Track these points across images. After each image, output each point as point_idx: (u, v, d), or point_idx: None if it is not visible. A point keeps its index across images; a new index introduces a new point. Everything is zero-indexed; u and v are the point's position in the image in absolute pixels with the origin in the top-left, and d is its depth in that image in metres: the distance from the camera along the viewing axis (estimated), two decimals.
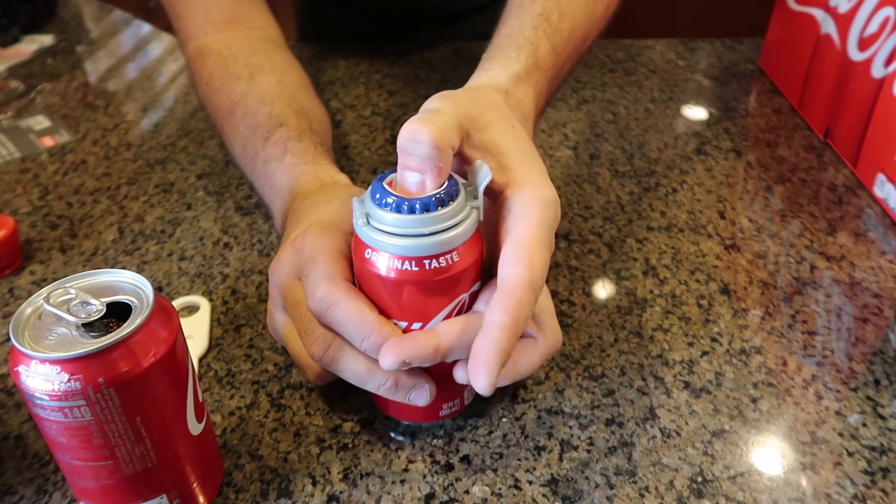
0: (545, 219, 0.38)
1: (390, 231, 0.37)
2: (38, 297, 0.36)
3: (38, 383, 0.33)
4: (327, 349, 0.40)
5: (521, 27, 0.53)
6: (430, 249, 0.37)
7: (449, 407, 0.44)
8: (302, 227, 0.45)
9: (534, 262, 0.37)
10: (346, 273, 0.41)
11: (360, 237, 0.38)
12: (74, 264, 0.60)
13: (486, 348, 0.36)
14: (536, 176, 0.40)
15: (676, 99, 0.83)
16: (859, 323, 0.53)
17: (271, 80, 0.62)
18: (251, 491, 0.42)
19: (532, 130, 0.48)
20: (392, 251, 0.37)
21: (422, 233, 0.37)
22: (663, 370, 0.50)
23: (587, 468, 0.43)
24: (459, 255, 0.38)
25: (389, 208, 0.37)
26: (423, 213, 0.36)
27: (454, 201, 0.37)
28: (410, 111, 0.80)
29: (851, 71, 0.68)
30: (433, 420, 0.45)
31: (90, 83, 0.90)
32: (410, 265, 0.37)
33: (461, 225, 0.37)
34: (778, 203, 0.66)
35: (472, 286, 0.40)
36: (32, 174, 0.71)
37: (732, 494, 0.42)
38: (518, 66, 0.49)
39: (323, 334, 0.41)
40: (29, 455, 0.45)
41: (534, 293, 0.37)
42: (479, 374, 0.36)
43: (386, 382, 0.40)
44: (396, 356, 0.38)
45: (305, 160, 0.54)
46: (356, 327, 0.39)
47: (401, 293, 0.38)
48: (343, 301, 0.39)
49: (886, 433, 0.45)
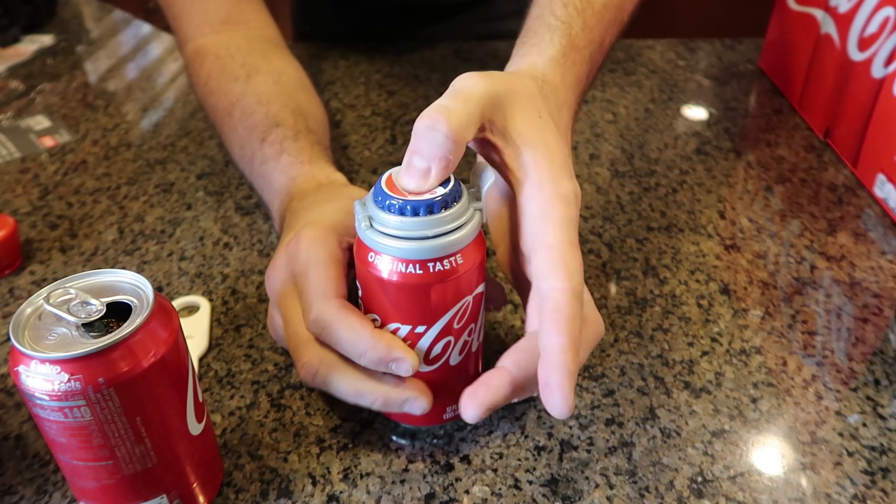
0: (568, 217, 0.37)
1: (394, 234, 0.37)
2: (38, 297, 0.36)
3: (38, 383, 0.33)
4: (314, 375, 0.41)
5: (550, 5, 0.51)
6: (434, 252, 0.37)
7: (452, 410, 0.44)
8: (294, 231, 0.45)
9: (570, 269, 0.36)
10: (340, 284, 0.41)
11: (362, 241, 0.38)
12: (74, 264, 0.60)
13: (556, 377, 0.35)
14: (555, 170, 0.38)
15: (676, 99, 0.83)
16: (859, 323, 0.53)
17: (268, 81, 0.62)
18: (251, 491, 0.42)
19: (571, 115, 0.47)
20: (396, 254, 0.37)
21: (426, 235, 0.36)
22: (663, 370, 0.50)
23: (587, 468, 0.43)
24: (463, 257, 0.38)
25: (393, 211, 0.36)
26: (428, 215, 0.36)
27: (458, 203, 0.37)
28: (410, 111, 0.81)
29: (851, 71, 0.68)
30: (436, 423, 0.45)
31: (90, 83, 0.90)
32: (414, 268, 0.37)
33: (465, 227, 0.37)
34: (778, 203, 0.66)
35: (476, 288, 0.40)
36: (32, 174, 0.71)
37: (732, 494, 0.42)
38: (553, 49, 0.47)
39: (308, 361, 0.41)
40: (29, 455, 0.45)
41: (579, 301, 0.36)
42: (555, 403, 0.35)
43: (377, 401, 0.40)
44: (478, 408, 0.37)
45: (302, 160, 0.54)
46: (352, 346, 0.39)
47: (405, 297, 0.38)
48: (335, 321, 0.39)
49: (886, 433, 0.45)
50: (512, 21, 1.03)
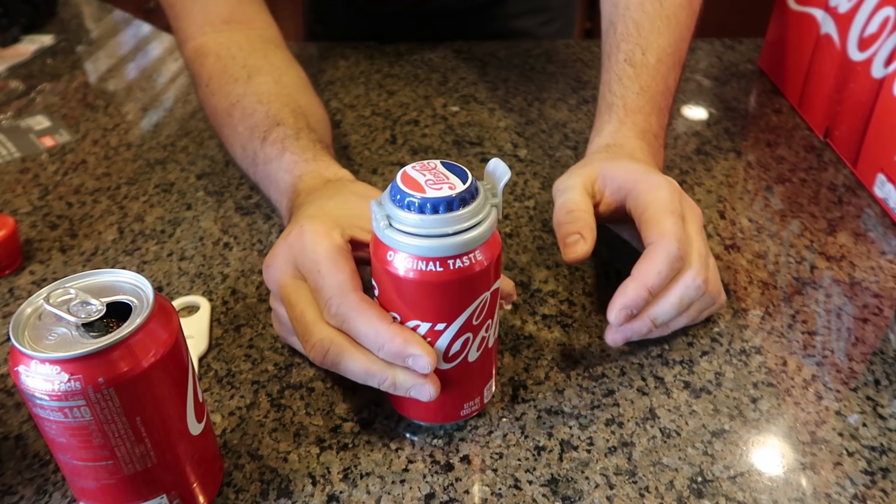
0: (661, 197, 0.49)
1: (414, 232, 0.37)
2: (38, 297, 0.36)
3: (38, 383, 0.33)
4: (325, 354, 0.41)
5: (608, 82, 0.61)
6: (454, 249, 0.37)
7: (469, 406, 0.44)
8: (297, 223, 0.45)
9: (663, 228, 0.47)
10: (354, 276, 0.42)
11: (381, 240, 0.38)
12: (74, 264, 0.60)
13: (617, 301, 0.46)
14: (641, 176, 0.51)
15: (676, 99, 0.83)
16: (859, 323, 0.53)
17: (268, 81, 0.62)
18: (251, 491, 0.42)
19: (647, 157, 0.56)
20: (416, 252, 0.37)
21: (446, 232, 0.37)
22: (663, 370, 0.50)
23: (587, 468, 0.43)
24: (482, 253, 0.38)
25: (413, 209, 0.36)
26: (447, 212, 0.36)
27: (476, 199, 0.37)
28: (410, 111, 0.81)
29: (851, 71, 0.68)
30: (454, 420, 0.45)
31: (90, 83, 0.90)
32: (435, 266, 0.37)
33: (483, 223, 0.37)
34: (778, 203, 0.66)
35: (493, 283, 0.40)
36: (32, 174, 0.71)
37: (732, 494, 0.42)
38: (611, 125, 0.58)
39: (320, 340, 0.41)
40: (29, 455, 0.45)
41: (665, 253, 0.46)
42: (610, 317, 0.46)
43: (385, 381, 0.41)
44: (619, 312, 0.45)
45: (306, 157, 0.54)
46: (370, 340, 0.40)
47: (425, 294, 0.38)
48: (355, 315, 0.40)
49: (886, 433, 0.45)
50: (526, 19, 1.03)
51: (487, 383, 0.45)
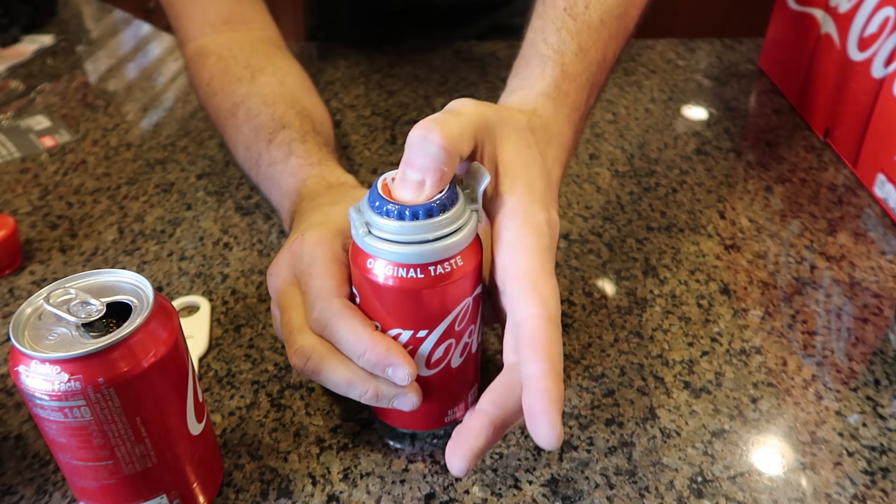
0: (540, 247, 0.37)
1: (393, 239, 0.36)
2: (38, 297, 0.36)
3: (38, 383, 0.33)
4: (307, 362, 0.40)
5: (543, 29, 0.49)
6: (434, 255, 0.36)
7: (453, 412, 0.44)
8: (300, 230, 0.45)
9: (543, 294, 0.36)
10: (343, 284, 0.41)
11: (360, 247, 0.38)
12: (74, 264, 0.60)
13: (540, 405, 0.33)
14: (530, 200, 0.38)
15: (676, 99, 0.83)
16: (859, 323, 0.53)
17: (273, 82, 0.62)
18: (251, 491, 0.42)
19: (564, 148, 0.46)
20: (396, 259, 0.37)
21: (426, 239, 0.36)
22: (663, 370, 0.50)
23: (587, 468, 0.43)
24: (463, 258, 0.37)
25: (392, 216, 0.36)
26: (427, 218, 0.36)
27: (456, 205, 0.37)
28: (410, 111, 0.81)
29: (851, 71, 0.68)
30: (438, 427, 0.45)
31: (90, 83, 0.90)
32: (416, 272, 0.37)
33: (464, 229, 0.37)
34: (778, 203, 0.66)
35: (475, 289, 0.39)
36: (32, 174, 0.71)
37: (732, 494, 0.42)
38: (544, 83, 0.46)
39: (301, 347, 0.40)
40: (29, 455, 0.45)
41: (557, 327, 0.35)
42: (543, 433, 0.33)
43: (367, 392, 0.39)
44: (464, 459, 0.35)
45: (311, 161, 0.54)
46: (351, 347, 0.39)
47: (406, 301, 0.38)
48: (337, 321, 0.39)
49: (886, 433, 0.45)
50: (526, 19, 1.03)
51: (472, 389, 0.44)
